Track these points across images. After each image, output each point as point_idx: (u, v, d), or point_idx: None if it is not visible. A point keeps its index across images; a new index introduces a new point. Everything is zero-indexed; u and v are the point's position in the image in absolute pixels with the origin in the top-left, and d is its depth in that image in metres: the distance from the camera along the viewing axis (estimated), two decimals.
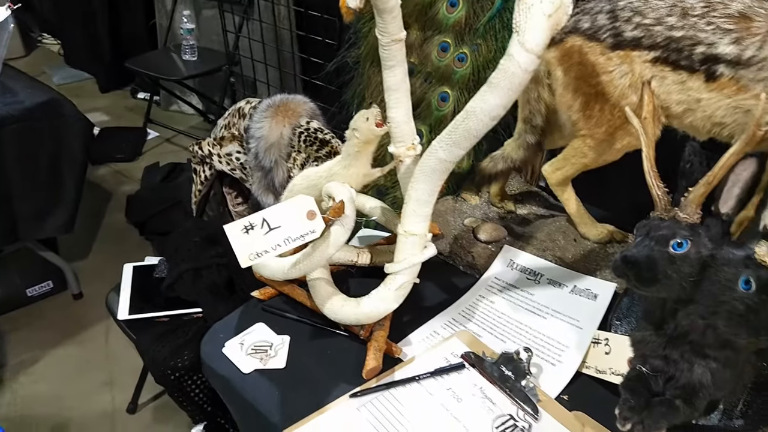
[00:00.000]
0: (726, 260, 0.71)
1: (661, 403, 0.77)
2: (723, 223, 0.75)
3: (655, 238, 0.75)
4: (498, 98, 0.78)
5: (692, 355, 0.76)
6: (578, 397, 0.90)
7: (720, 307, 0.69)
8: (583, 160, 0.97)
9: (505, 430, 0.84)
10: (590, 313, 0.96)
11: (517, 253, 1.10)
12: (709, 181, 0.72)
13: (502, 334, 1.00)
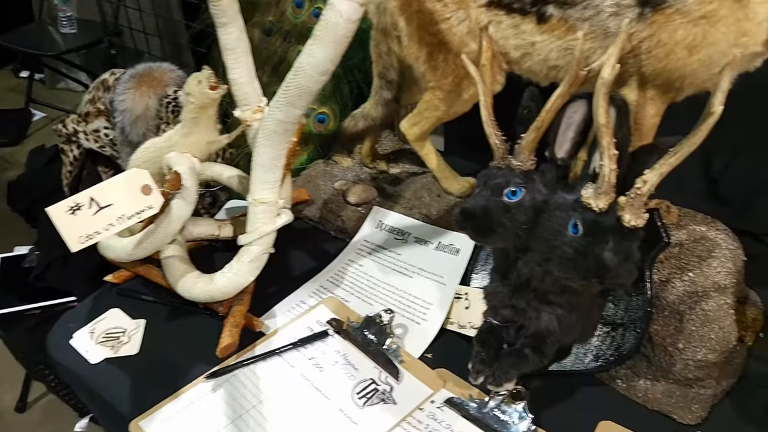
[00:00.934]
0: (558, 205, 0.70)
1: (510, 354, 0.77)
2: (558, 168, 0.74)
3: (491, 187, 0.73)
4: (324, 52, 0.73)
5: (537, 303, 0.76)
6: (442, 353, 0.89)
7: (552, 252, 0.68)
8: (436, 113, 0.94)
9: (367, 394, 0.83)
10: (453, 268, 0.95)
11: (385, 214, 1.08)
12: (538, 126, 0.71)
13: (370, 297, 0.98)
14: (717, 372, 0.80)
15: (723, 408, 0.81)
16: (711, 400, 0.80)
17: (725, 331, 0.79)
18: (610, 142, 0.65)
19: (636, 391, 0.82)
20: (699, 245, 0.88)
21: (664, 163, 0.64)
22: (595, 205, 0.66)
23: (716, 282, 0.82)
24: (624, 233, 0.65)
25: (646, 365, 0.83)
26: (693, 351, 0.79)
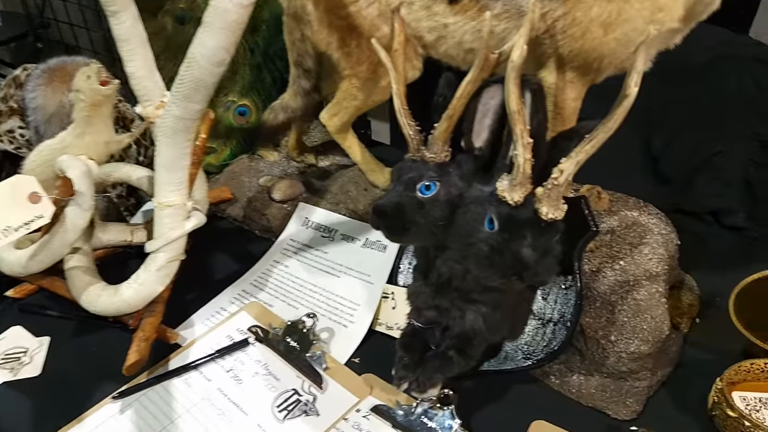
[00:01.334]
0: (473, 199, 0.66)
1: (434, 357, 0.72)
2: (476, 159, 0.69)
3: (404, 182, 0.68)
4: (215, 40, 0.67)
5: (461, 302, 0.72)
6: (370, 357, 0.84)
7: (468, 250, 0.64)
8: (354, 102, 0.88)
9: (288, 406, 0.77)
10: (380, 266, 0.90)
11: (312, 210, 1.02)
12: (450, 114, 0.66)
13: (296, 300, 0.92)
14: (651, 363, 0.77)
15: (658, 399, 0.78)
16: (646, 392, 0.77)
17: (657, 321, 0.76)
18: (523, 129, 0.60)
19: (570, 387, 0.79)
20: (631, 231, 0.84)
21: (580, 151, 0.60)
22: (510, 198, 0.61)
23: (648, 270, 0.79)
24: (542, 227, 0.61)
25: (579, 360, 0.79)
26: (626, 343, 0.76)
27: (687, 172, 1.53)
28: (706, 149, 1.53)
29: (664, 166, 1.56)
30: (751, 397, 0.76)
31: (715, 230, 1.48)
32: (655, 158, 1.58)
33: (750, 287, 0.75)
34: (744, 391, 0.76)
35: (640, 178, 1.58)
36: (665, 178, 1.55)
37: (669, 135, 1.55)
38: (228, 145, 1.15)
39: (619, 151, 1.67)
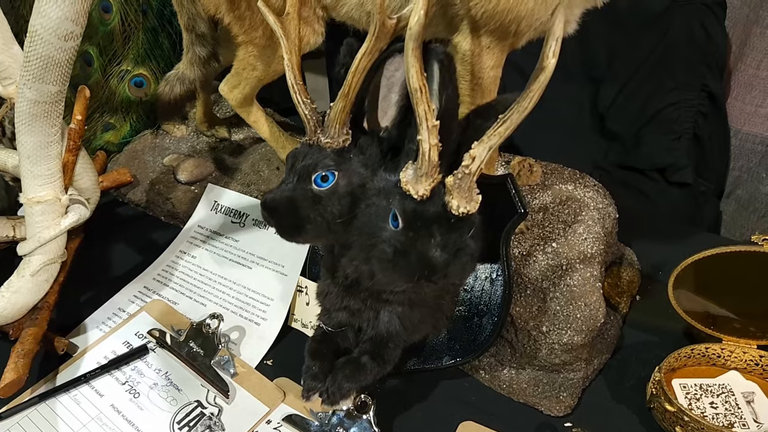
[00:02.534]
0: (377, 191, 0.57)
1: (344, 366, 0.64)
2: (381, 141, 0.60)
3: (298, 172, 0.58)
4: (59, 9, 0.55)
5: (374, 302, 0.64)
6: (285, 357, 0.77)
7: (372, 251, 0.55)
8: (254, 73, 0.78)
9: (189, 422, 0.69)
10: (295, 256, 0.81)
11: (221, 192, 0.92)
12: (346, 92, 0.56)
13: (203, 296, 0.83)
14: (586, 353, 0.71)
15: (595, 389, 0.73)
16: (581, 383, 0.71)
17: (592, 308, 0.69)
18: (427, 111, 0.51)
19: (500, 382, 0.72)
20: (565, 208, 0.77)
21: (492, 134, 0.51)
22: (415, 192, 0.52)
23: (582, 251, 0.72)
24: (452, 223, 0.53)
25: (510, 352, 0.73)
26: (558, 333, 0.69)
27: (635, 128, 1.47)
28: (655, 102, 1.47)
29: (611, 122, 1.50)
30: (691, 384, 0.70)
31: (662, 187, 1.44)
32: (602, 115, 1.51)
33: (690, 268, 0.69)
34: (684, 378, 0.71)
35: (588, 136, 1.52)
36: (613, 135, 1.49)
37: (617, 90, 1.49)
38: (128, 121, 1.03)
39: (567, 109, 1.61)
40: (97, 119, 1.01)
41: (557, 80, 1.67)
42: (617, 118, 1.47)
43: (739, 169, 1.56)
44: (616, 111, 1.48)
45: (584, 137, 1.48)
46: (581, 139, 1.47)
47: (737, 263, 0.68)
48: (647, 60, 1.48)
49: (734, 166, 1.57)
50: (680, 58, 1.45)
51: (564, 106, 1.51)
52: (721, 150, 1.54)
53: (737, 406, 0.68)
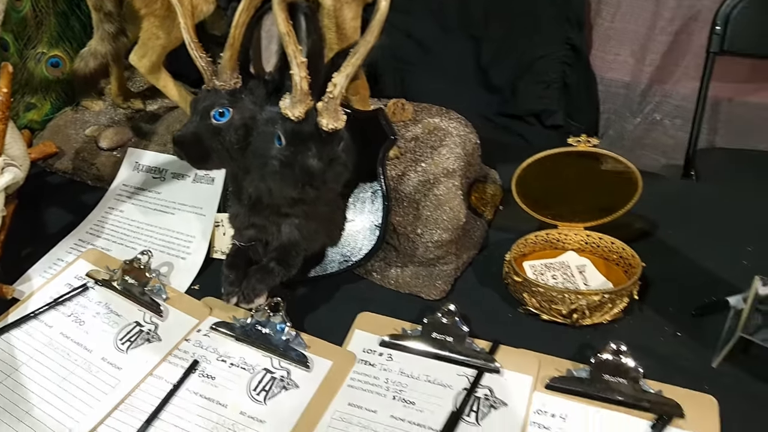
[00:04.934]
0: (265, 120, 0.71)
1: (256, 271, 0.79)
2: (266, 83, 0.74)
3: (199, 112, 0.72)
4: None
5: (276, 217, 0.78)
6: (210, 283, 0.90)
7: (265, 168, 0.70)
8: (159, 41, 0.90)
9: (131, 337, 0.82)
10: (210, 197, 0.95)
11: (141, 154, 1.04)
12: (231, 43, 0.70)
13: (133, 242, 0.96)
14: (455, 248, 0.88)
15: (465, 278, 0.90)
16: (453, 273, 0.89)
17: (455, 210, 0.86)
18: (295, 50, 0.66)
19: (389, 279, 0.89)
20: (432, 136, 0.93)
21: (347, 65, 0.67)
22: (292, 114, 0.67)
23: (446, 168, 0.89)
24: (324, 138, 0.68)
25: (395, 254, 0.89)
26: (430, 233, 0.86)
27: (511, 80, 1.66)
28: (527, 57, 1.66)
29: (492, 76, 1.69)
30: (538, 264, 0.89)
31: (538, 130, 1.65)
32: (484, 70, 1.70)
33: (528, 169, 0.86)
34: (533, 260, 0.89)
35: (473, 89, 1.70)
36: (493, 87, 1.68)
37: (494, 48, 1.68)
38: (48, 99, 1.13)
39: (452, 66, 1.79)
40: (18, 100, 1.11)
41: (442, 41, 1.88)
42: (496, 72, 1.67)
43: (607, 111, 1.79)
44: (494, 66, 1.67)
45: (469, 90, 1.67)
46: (466, 92, 1.66)
47: (563, 163, 0.86)
48: (518, 19, 1.68)
49: (603, 109, 1.79)
50: (546, 16, 1.66)
51: (449, 64, 1.69)
52: (588, 95, 1.76)
53: (572, 276, 0.87)
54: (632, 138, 1.80)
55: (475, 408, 0.74)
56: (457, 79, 1.69)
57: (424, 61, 1.71)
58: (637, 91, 1.69)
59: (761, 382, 0.76)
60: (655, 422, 0.72)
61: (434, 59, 1.71)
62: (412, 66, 1.71)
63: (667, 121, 1.73)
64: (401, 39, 1.74)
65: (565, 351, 0.79)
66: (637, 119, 1.76)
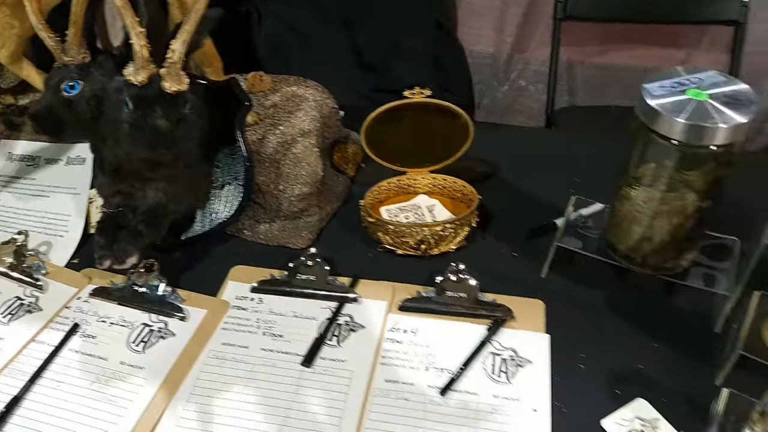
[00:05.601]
0: (114, 89, 0.78)
1: (125, 234, 0.85)
2: (114, 57, 0.81)
3: (51, 87, 0.78)
4: None
5: (140, 183, 0.84)
6: (89, 256, 0.94)
7: (118, 134, 0.76)
8: (14, 30, 0.94)
9: (12, 310, 0.86)
10: (82, 177, 1.00)
11: (13, 144, 1.07)
12: (74, 20, 0.76)
13: (11, 227, 0.99)
14: (317, 201, 0.97)
15: (330, 228, 0.99)
16: (318, 224, 0.97)
17: (312, 166, 0.95)
18: (132, 21, 0.72)
19: (259, 235, 0.96)
20: (290, 103, 1.02)
21: (182, 32, 0.74)
22: (136, 80, 0.74)
23: (302, 128, 0.97)
24: (169, 99, 0.75)
25: (262, 212, 0.97)
26: (291, 189, 0.94)
27: (385, 58, 1.77)
28: (398, 37, 1.78)
29: (367, 58, 1.79)
30: (393, 208, 0.99)
31: None
32: (360, 52, 1.80)
33: (374, 121, 0.96)
34: (388, 205, 0.99)
35: (351, 71, 1.80)
36: (369, 66, 1.79)
37: (369, 33, 1.78)
38: None
39: (333, 51, 1.88)
40: None
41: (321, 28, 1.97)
42: (371, 53, 1.77)
43: (480, 82, 1.94)
44: (369, 47, 1.78)
45: (347, 72, 1.77)
46: (345, 74, 1.75)
47: (404, 114, 0.97)
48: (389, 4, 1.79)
49: (476, 80, 1.94)
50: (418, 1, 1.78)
51: (328, 50, 1.78)
52: (459, 68, 1.89)
53: (423, 215, 0.98)
54: (503, 105, 1.96)
55: (336, 333, 0.83)
56: (336, 63, 1.79)
57: (305, 48, 1.80)
58: (501, 61, 1.84)
59: (580, 285, 0.89)
60: (490, 325, 0.83)
61: (314, 46, 1.80)
62: (294, 53, 1.79)
63: (531, 86, 1.89)
64: (284, 29, 1.82)
65: (417, 278, 0.90)
66: (505, 87, 1.91)
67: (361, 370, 0.78)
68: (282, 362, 0.80)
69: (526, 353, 0.80)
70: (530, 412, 0.74)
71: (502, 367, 0.79)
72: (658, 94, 0.70)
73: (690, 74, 0.73)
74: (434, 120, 0.98)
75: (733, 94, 0.70)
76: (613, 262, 0.85)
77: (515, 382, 0.77)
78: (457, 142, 0.98)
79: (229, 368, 0.79)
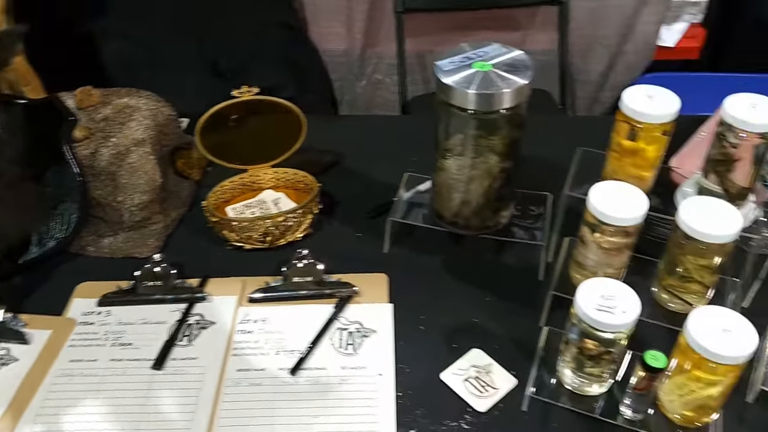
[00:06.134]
0: None
1: None
2: None
3: None
4: None
5: None
6: None
7: None
8: None
9: None
10: None
11: None
12: None
13: None
14: (160, 208, 0.97)
15: (177, 233, 1.00)
16: (164, 230, 0.98)
17: (149, 174, 0.95)
18: None
19: (104, 249, 0.96)
20: (122, 114, 1.01)
21: None
22: None
23: (135, 138, 0.97)
24: None
25: (104, 225, 0.96)
26: (131, 199, 0.94)
27: (239, 65, 1.78)
28: (251, 40, 1.79)
29: (221, 65, 1.79)
30: (238, 206, 1.01)
31: None
32: (214, 61, 1.80)
33: (208, 122, 0.98)
34: (234, 204, 1.01)
35: (205, 80, 1.80)
36: (224, 74, 1.79)
37: (222, 42, 1.78)
38: None
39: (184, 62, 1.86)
40: None
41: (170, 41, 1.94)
42: (224, 61, 1.77)
43: (337, 79, 1.98)
44: (222, 55, 1.78)
45: (200, 81, 1.76)
46: (198, 83, 1.75)
47: (240, 114, 0.99)
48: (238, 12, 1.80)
49: (335, 78, 1.98)
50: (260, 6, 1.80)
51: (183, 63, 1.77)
52: (314, 68, 1.93)
53: (268, 208, 1.00)
54: (364, 99, 2.02)
55: (187, 333, 0.84)
56: (189, 74, 1.77)
57: (155, 62, 1.77)
58: (354, 57, 1.90)
59: (419, 255, 0.95)
60: (336, 303, 0.87)
61: (165, 60, 1.78)
62: (144, 68, 1.76)
63: (387, 79, 1.96)
64: (131, 45, 1.78)
65: (268, 270, 0.92)
66: (363, 82, 1.97)
67: (212, 365, 0.80)
68: (132, 369, 0.80)
69: (371, 324, 0.85)
70: (376, 377, 0.79)
71: (348, 340, 0.83)
72: (448, 69, 0.77)
73: (475, 49, 0.80)
74: (269, 117, 1.01)
75: (513, 62, 0.78)
76: (442, 229, 0.92)
77: (361, 352, 0.82)
78: (293, 136, 1.01)
79: (77, 384, 0.79)
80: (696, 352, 0.63)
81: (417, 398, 0.77)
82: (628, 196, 0.74)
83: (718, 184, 0.77)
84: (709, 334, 0.63)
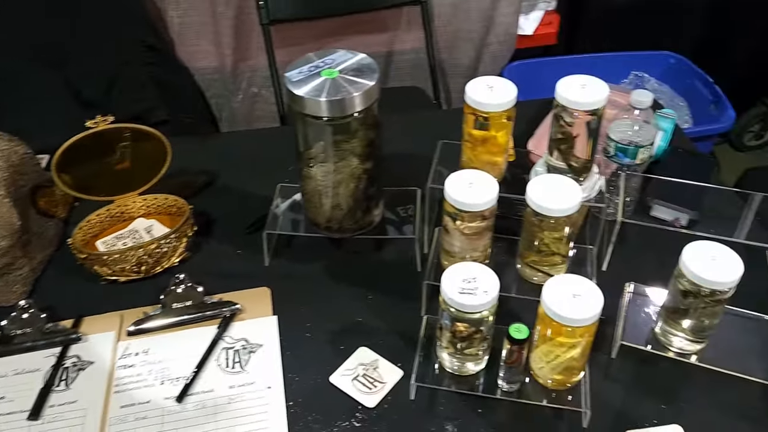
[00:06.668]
0: None
1: None
2: None
3: None
4: None
5: None
6: None
7: None
8: None
9: None
10: None
11: None
12: None
13: None
14: (22, 252, 0.92)
15: (49, 274, 0.95)
16: (30, 275, 0.93)
17: (6, 218, 0.90)
18: None
19: None
20: None
21: None
22: None
23: None
24: None
25: None
26: None
27: (104, 92, 1.72)
28: (112, 67, 1.73)
29: (85, 93, 1.72)
30: (109, 239, 0.98)
31: None
32: (78, 90, 1.73)
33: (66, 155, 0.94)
34: (104, 237, 0.98)
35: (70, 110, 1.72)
36: (89, 103, 1.72)
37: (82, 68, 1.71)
38: None
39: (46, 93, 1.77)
40: None
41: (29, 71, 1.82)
42: (88, 89, 1.70)
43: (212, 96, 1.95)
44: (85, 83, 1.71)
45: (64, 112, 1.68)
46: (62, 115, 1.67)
47: (95, 144, 0.96)
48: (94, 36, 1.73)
49: (210, 95, 1.95)
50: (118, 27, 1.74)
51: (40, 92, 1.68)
52: (186, 88, 1.90)
53: (141, 237, 0.98)
54: (242, 113, 2.00)
55: (64, 377, 0.81)
56: (52, 105, 1.69)
57: (14, 95, 1.68)
58: (227, 72, 1.87)
59: (301, 264, 0.96)
60: (219, 323, 0.87)
61: (25, 92, 1.69)
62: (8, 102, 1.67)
63: (264, 91, 1.95)
64: None
65: (147, 300, 0.90)
66: (239, 96, 1.95)
67: (93, 405, 0.78)
68: (6, 424, 0.76)
69: (257, 339, 0.85)
70: (265, 390, 0.79)
71: (235, 358, 0.83)
72: (298, 79, 0.79)
73: (322, 57, 0.82)
74: (134, 146, 0.99)
75: (359, 66, 0.81)
76: (318, 235, 0.93)
77: (249, 368, 0.82)
78: (160, 162, 0.99)
79: None
80: (552, 319, 0.68)
81: (308, 405, 0.78)
82: (481, 183, 0.78)
83: (562, 160, 0.83)
84: (562, 301, 0.68)
